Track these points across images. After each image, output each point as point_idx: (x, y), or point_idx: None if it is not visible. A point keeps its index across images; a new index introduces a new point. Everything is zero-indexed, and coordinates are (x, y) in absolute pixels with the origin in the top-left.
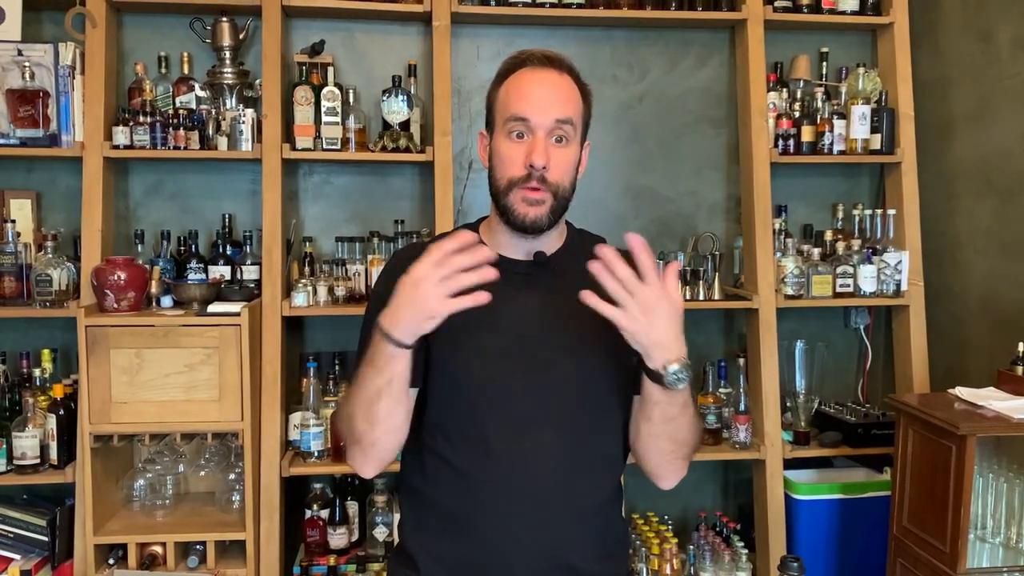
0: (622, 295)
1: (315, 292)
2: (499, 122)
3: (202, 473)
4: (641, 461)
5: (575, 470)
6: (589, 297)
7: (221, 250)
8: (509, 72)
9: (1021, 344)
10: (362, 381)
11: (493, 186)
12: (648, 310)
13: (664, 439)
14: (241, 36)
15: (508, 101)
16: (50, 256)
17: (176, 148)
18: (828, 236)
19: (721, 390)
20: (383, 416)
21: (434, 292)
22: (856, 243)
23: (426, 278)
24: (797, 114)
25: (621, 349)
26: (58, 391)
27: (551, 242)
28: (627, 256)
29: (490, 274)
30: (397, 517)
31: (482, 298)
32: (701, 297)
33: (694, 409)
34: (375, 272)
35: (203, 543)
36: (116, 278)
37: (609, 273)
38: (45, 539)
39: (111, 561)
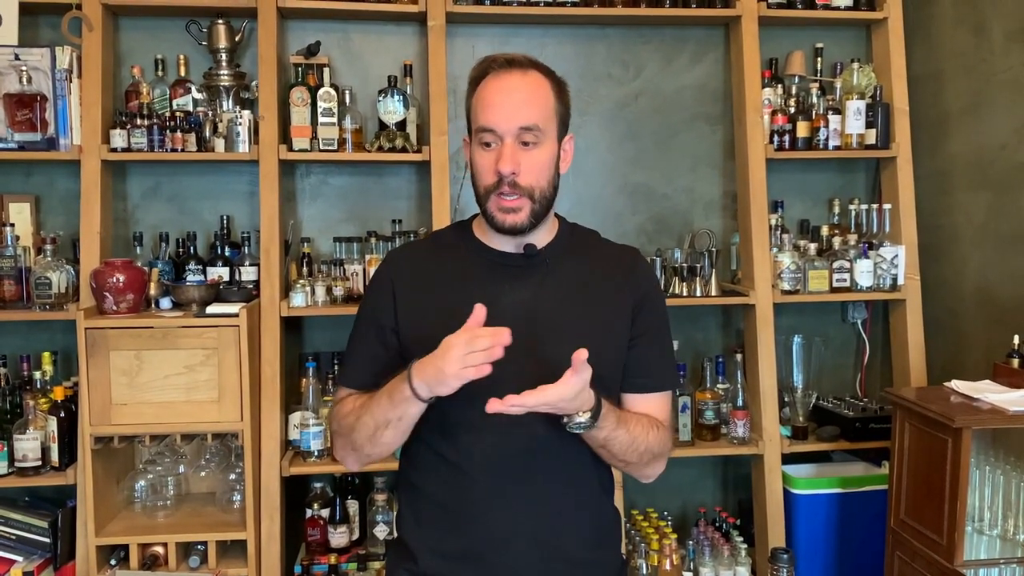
0: (557, 410)
1: (313, 292)
2: (473, 132)
3: (203, 473)
4: None
5: (567, 460)
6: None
7: (219, 251)
8: (479, 80)
9: (1016, 337)
10: (374, 408)
11: (475, 193)
12: (572, 401)
13: (608, 458)
14: (237, 38)
15: (476, 111)
16: (49, 259)
17: (173, 150)
18: (824, 231)
19: (719, 386)
20: (386, 442)
21: (458, 362)
22: (852, 238)
23: (455, 346)
24: (792, 110)
25: (610, 342)
26: (58, 393)
27: (541, 235)
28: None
29: (497, 353)
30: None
31: (485, 370)
32: (698, 293)
33: (622, 439)
34: (373, 272)
35: (204, 543)
36: (115, 280)
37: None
38: (47, 541)
39: (113, 562)
